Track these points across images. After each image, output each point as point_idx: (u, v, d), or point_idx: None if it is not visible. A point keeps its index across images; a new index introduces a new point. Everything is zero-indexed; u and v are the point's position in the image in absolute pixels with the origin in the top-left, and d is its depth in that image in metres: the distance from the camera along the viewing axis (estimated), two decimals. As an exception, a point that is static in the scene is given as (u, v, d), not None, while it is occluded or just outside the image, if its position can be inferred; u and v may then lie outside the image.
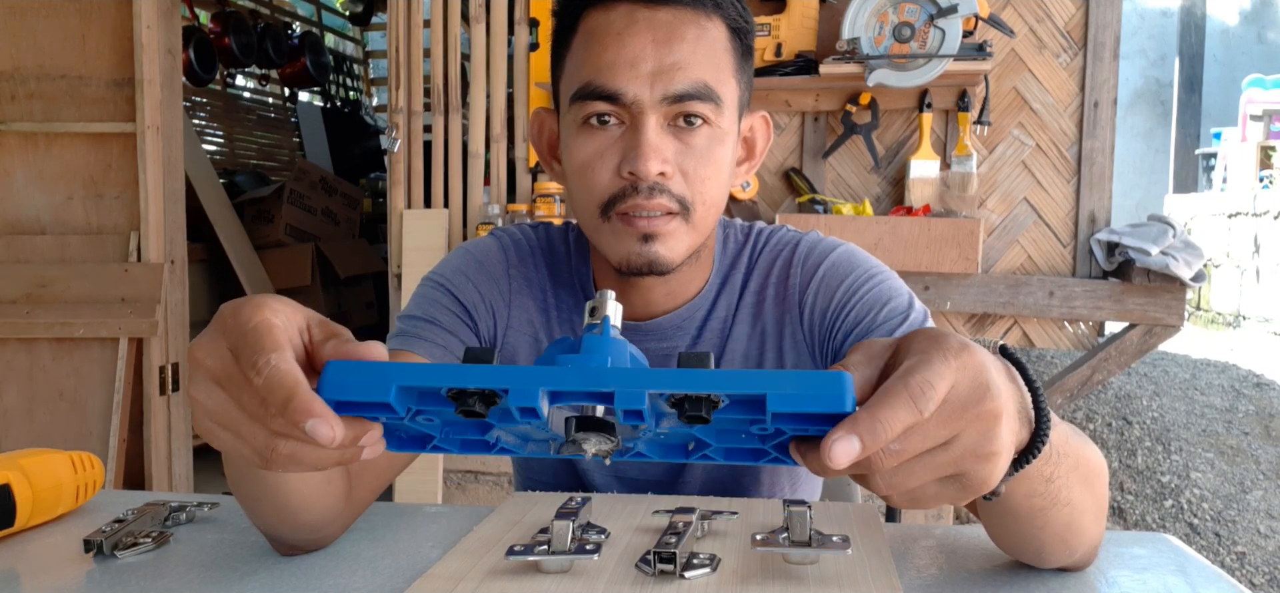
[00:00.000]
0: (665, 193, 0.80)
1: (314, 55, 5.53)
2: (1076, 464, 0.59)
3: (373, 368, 0.45)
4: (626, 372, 0.45)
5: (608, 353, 0.48)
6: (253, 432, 0.47)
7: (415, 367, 0.45)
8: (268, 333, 0.46)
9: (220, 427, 0.48)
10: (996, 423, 0.46)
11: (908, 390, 0.44)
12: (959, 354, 0.46)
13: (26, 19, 2.75)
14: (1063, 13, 2.38)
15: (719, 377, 0.44)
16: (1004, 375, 0.48)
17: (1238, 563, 2.85)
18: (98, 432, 2.64)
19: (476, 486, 2.53)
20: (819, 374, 0.44)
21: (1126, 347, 2.34)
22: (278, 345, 0.46)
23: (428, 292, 0.92)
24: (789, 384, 0.44)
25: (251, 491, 0.65)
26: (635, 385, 0.44)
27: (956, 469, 0.46)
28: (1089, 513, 0.62)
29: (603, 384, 0.44)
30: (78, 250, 2.74)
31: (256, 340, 0.46)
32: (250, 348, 0.46)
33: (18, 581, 0.66)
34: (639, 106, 0.79)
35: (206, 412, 0.48)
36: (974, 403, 0.45)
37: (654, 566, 0.61)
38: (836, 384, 0.44)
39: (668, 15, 0.79)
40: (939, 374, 0.44)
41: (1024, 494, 0.56)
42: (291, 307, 0.50)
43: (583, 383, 0.45)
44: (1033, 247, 2.44)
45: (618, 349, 0.48)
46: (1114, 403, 3.85)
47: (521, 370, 0.45)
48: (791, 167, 2.54)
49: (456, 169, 2.68)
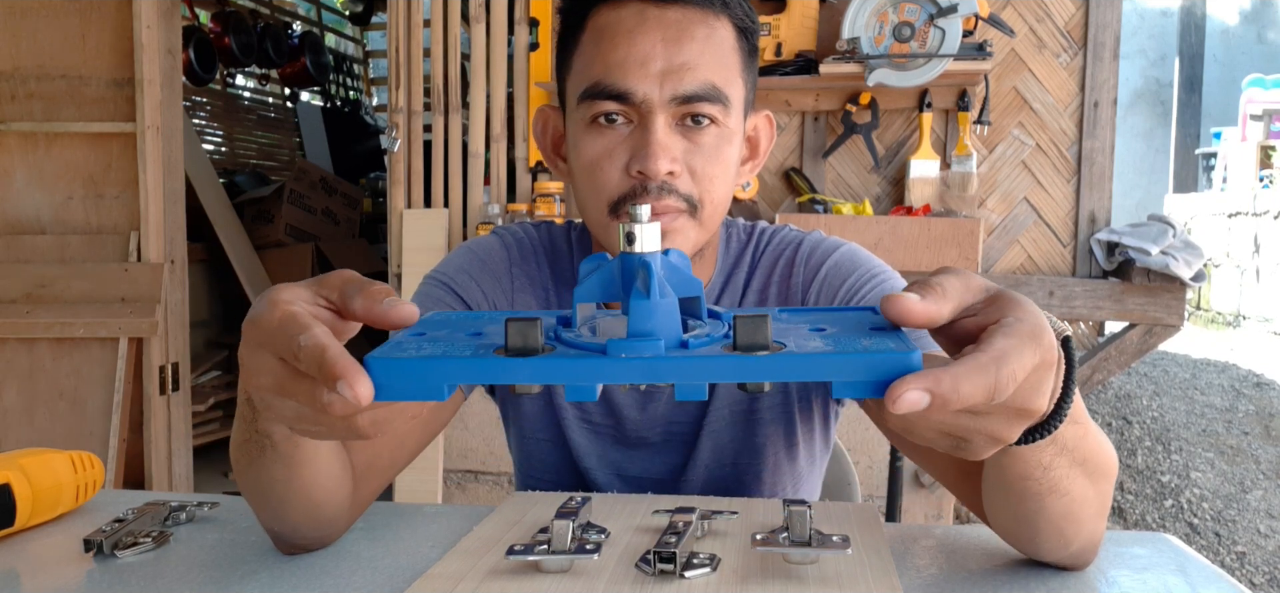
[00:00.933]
0: (673, 192, 0.80)
1: (314, 55, 5.53)
2: (1083, 459, 0.58)
3: (424, 365, 0.44)
4: (686, 362, 0.42)
5: (658, 325, 0.44)
6: (325, 418, 0.48)
7: (466, 363, 0.44)
8: (292, 320, 0.47)
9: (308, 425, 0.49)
10: (1026, 421, 0.46)
11: (995, 379, 0.43)
12: (1042, 346, 0.45)
13: (26, 19, 2.75)
14: (1063, 13, 2.38)
15: (781, 363, 0.42)
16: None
17: (1238, 563, 2.85)
18: (98, 432, 2.64)
19: (476, 485, 2.53)
20: (887, 357, 0.42)
21: (1126, 347, 2.34)
22: (303, 325, 0.46)
23: (431, 290, 0.92)
24: (855, 369, 0.42)
25: (274, 491, 0.65)
26: (696, 377, 0.42)
27: (967, 437, 0.47)
28: (1088, 508, 0.62)
29: (661, 377, 0.43)
30: (78, 250, 2.74)
31: (285, 333, 0.47)
32: (287, 341, 0.46)
33: (18, 580, 0.66)
34: (648, 106, 0.79)
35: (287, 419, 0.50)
36: (1025, 399, 0.45)
37: (654, 566, 0.61)
38: (904, 366, 0.42)
39: (677, 14, 0.79)
40: (1024, 368, 0.44)
41: (1018, 474, 0.56)
42: (296, 286, 0.50)
43: (641, 376, 0.43)
44: (1033, 246, 2.44)
45: (667, 314, 0.45)
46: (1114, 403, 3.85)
47: (575, 366, 0.43)
48: (791, 166, 2.54)
49: (456, 169, 2.68)
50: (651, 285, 0.45)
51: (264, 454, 0.62)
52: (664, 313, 0.45)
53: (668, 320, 0.45)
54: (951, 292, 0.47)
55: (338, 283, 0.50)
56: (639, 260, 0.46)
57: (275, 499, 0.66)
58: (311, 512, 0.67)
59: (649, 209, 0.48)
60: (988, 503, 0.65)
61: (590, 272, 0.49)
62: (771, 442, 0.92)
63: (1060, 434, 0.54)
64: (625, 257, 0.47)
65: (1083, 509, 0.61)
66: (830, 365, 0.42)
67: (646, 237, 0.47)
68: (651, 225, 0.47)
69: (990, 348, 0.44)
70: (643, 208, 0.47)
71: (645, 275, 0.45)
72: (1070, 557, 0.66)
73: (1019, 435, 0.48)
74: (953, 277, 0.48)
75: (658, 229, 0.47)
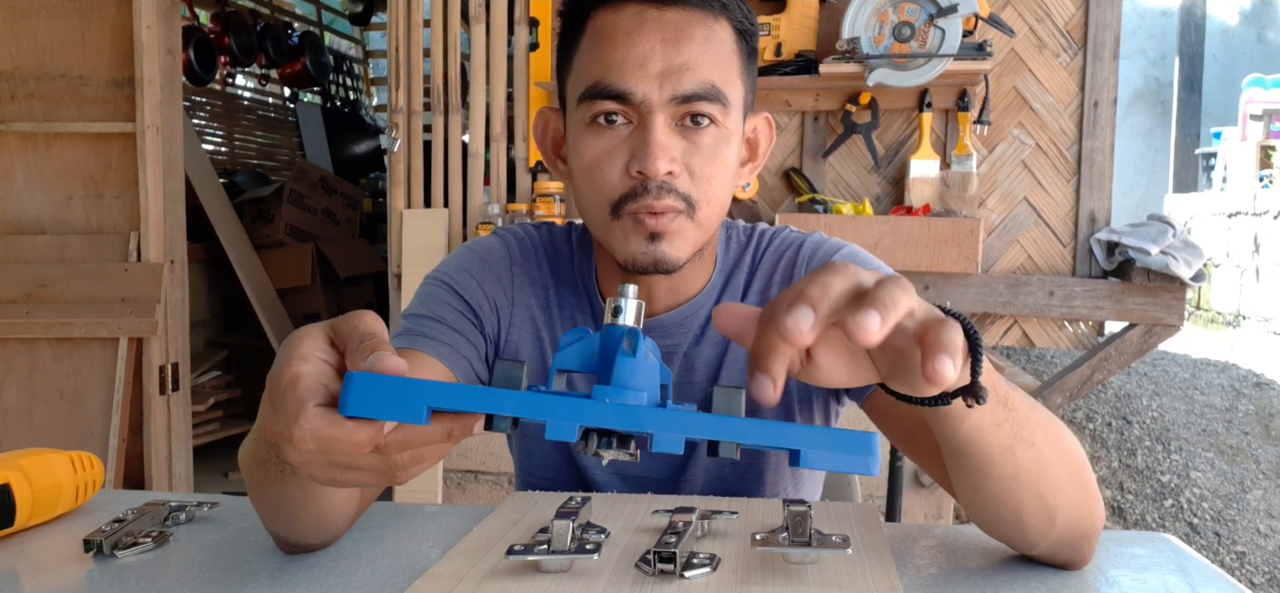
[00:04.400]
0: (673, 192, 0.80)
1: (314, 55, 5.52)
2: (1032, 406, 0.61)
3: (401, 385, 0.44)
4: (665, 415, 0.45)
5: (642, 382, 0.47)
6: (353, 472, 0.50)
7: (448, 388, 0.45)
8: (292, 394, 0.47)
9: (341, 472, 0.50)
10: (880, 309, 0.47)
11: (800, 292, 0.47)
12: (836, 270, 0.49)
13: (26, 19, 2.75)
14: (1063, 12, 2.38)
15: (754, 428, 0.46)
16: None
17: (1238, 563, 2.85)
18: (98, 432, 2.64)
19: (476, 485, 2.53)
20: (850, 435, 0.46)
21: (1126, 346, 2.34)
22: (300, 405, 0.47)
23: (432, 290, 0.92)
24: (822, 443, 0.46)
25: (289, 506, 0.65)
26: (673, 430, 0.45)
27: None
28: (1061, 469, 0.63)
29: (642, 426, 0.45)
30: (78, 250, 2.74)
31: (287, 409, 0.47)
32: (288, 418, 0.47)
33: (18, 581, 0.66)
34: (648, 106, 0.79)
35: (319, 474, 0.50)
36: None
37: (654, 566, 0.61)
38: (866, 446, 0.46)
39: (676, 15, 0.79)
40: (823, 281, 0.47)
41: (991, 422, 0.58)
42: (312, 337, 0.50)
43: (622, 423, 0.45)
44: (1033, 246, 2.44)
45: (648, 372, 0.48)
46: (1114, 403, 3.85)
47: (560, 403, 0.45)
48: (791, 166, 2.54)
49: (456, 169, 2.68)
50: (638, 347, 0.48)
51: (284, 478, 0.62)
52: (646, 372, 0.48)
53: (649, 379, 0.48)
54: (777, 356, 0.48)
55: (345, 332, 0.50)
56: (625, 330, 0.49)
57: (289, 515, 0.66)
58: (321, 524, 0.68)
59: (636, 289, 0.51)
60: (969, 487, 0.65)
61: (569, 343, 0.51)
62: (771, 442, 0.92)
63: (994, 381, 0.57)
64: (609, 328, 0.49)
65: (1054, 469, 0.62)
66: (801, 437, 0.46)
67: (631, 311, 0.50)
68: (636, 302, 0.50)
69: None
70: (630, 287, 0.50)
71: (632, 339, 0.48)
72: (1057, 535, 0.65)
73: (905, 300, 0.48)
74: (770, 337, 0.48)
75: (642, 307, 0.50)
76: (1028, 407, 0.61)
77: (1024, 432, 0.60)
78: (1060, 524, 0.64)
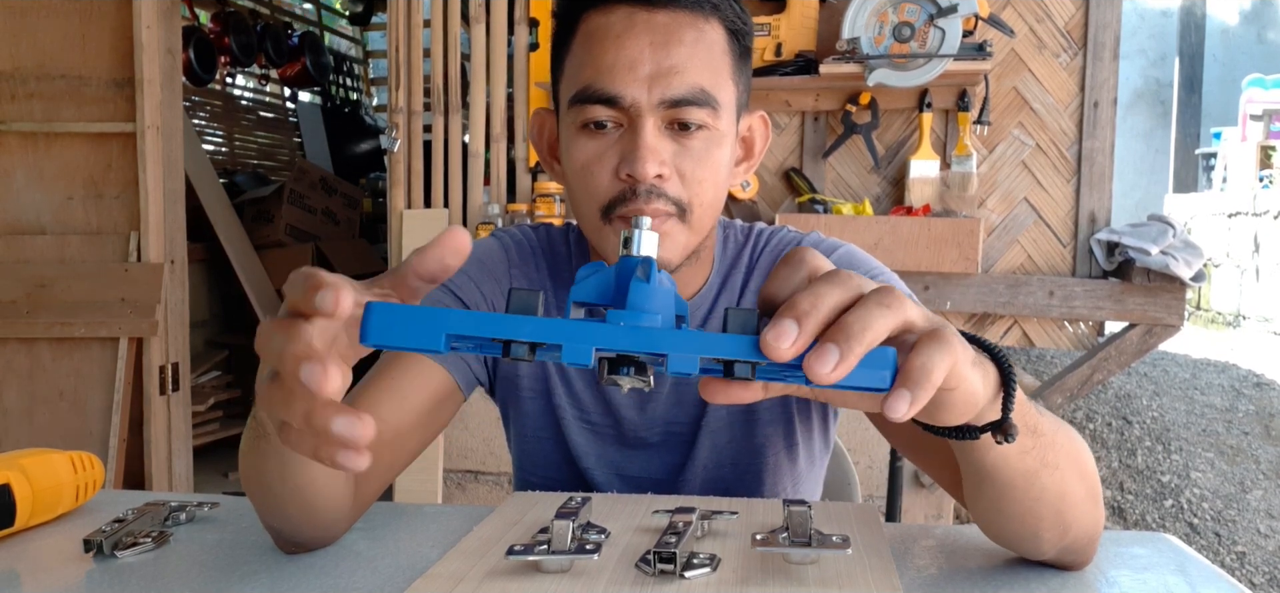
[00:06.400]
0: (662, 196, 0.80)
1: (314, 55, 5.52)
2: (1058, 427, 0.61)
3: (419, 313, 0.45)
4: (681, 335, 0.45)
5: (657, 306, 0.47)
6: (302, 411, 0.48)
7: (465, 316, 0.45)
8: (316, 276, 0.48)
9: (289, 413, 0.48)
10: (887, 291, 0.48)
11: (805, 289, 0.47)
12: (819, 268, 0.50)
13: (26, 19, 2.75)
14: (1063, 13, 2.38)
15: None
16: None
17: (1238, 563, 2.85)
18: (98, 432, 2.64)
19: (476, 485, 2.53)
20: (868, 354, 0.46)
21: (1126, 346, 2.34)
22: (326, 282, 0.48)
23: (431, 291, 0.92)
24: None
25: (271, 485, 0.65)
26: (689, 349, 0.45)
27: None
28: (1079, 487, 0.62)
29: (658, 346, 0.45)
30: (78, 250, 2.74)
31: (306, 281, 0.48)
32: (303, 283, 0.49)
33: (18, 581, 0.66)
34: (637, 109, 0.79)
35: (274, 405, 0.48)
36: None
37: (654, 566, 0.61)
38: (883, 361, 0.46)
39: (666, 18, 0.79)
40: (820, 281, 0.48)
41: (1017, 450, 0.57)
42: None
43: (637, 345, 0.45)
44: (1033, 246, 2.44)
45: (664, 298, 0.48)
46: (1114, 403, 3.85)
47: (576, 327, 0.45)
48: (791, 166, 2.54)
49: (456, 169, 2.68)
50: (652, 274, 0.48)
51: (259, 443, 0.62)
52: (662, 296, 0.47)
53: (665, 304, 0.47)
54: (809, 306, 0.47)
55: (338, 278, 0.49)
56: (638, 260, 0.49)
57: (272, 495, 0.66)
58: (308, 510, 0.67)
59: (650, 220, 0.50)
60: (987, 509, 0.65)
61: (587, 275, 0.51)
62: (771, 442, 0.92)
63: (1023, 401, 0.56)
64: (624, 259, 0.49)
65: (1074, 488, 0.62)
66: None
67: (646, 242, 0.49)
68: (651, 234, 0.49)
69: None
70: (644, 218, 0.50)
71: (646, 267, 0.48)
72: (1068, 545, 0.65)
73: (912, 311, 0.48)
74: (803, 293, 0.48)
75: (656, 238, 0.50)
76: (1054, 430, 0.60)
77: (1049, 456, 0.59)
78: (1073, 535, 0.64)
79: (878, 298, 0.46)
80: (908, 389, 0.45)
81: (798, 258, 0.50)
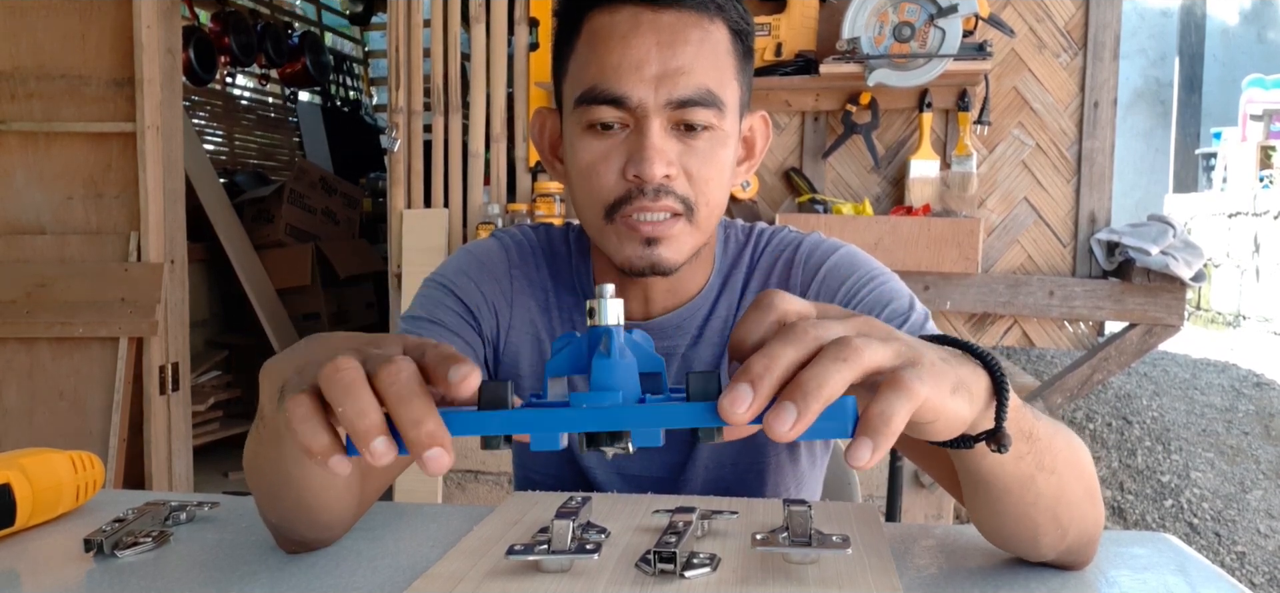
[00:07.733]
0: (670, 194, 0.80)
1: (314, 55, 5.52)
2: (1055, 431, 0.61)
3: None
4: (641, 412, 0.47)
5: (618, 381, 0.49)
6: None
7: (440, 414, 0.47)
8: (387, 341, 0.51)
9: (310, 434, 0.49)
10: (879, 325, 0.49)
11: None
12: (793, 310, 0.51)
13: (26, 19, 2.75)
14: (1063, 12, 2.38)
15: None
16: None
17: (1238, 563, 2.85)
18: (98, 431, 2.64)
19: (476, 485, 2.53)
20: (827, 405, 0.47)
21: (1126, 347, 2.34)
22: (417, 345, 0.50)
23: (431, 293, 0.92)
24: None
25: (273, 485, 0.65)
26: (650, 423, 0.47)
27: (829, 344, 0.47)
28: (1077, 490, 0.62)
29: (619, 424, 0.47)
30: (78, 250, 2.74)
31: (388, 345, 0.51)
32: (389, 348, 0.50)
33: (18, 581, 0.66)
34: (643, 110, 0.79)
35: (301, 424, 0.49)
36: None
37: (654, 565, 0.61)
38: (842, 412, 0.46)
39: (671, 18, 0.79)
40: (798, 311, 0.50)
41: (1013, 456, 0.57)
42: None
43: (600, 424, 0.47)
44: (1033, 246, 2.44)
45: (626, 372, 0.49)
46: (1114, 403, 3.85)
47: (540, 416, 0.47)
48: (791, 166, 2.54)
49: (456, 169, 2.68)
50: (613, 347, 0.49)
51: (265, 444, 0.62)
52: (623, 371, 0.49)
53: (627, 377, 0.49)
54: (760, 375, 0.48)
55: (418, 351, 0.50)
56: (602, 330, 0.51)
57: (277, 494, 0.66)
58: (312, 509, 0.67)
59: (613, 287, 0.51)
60: (984, 510, 0.65)
61: (560, 349, 0.53)
62: (771, 443, 0.92)
63: (1018, 404, 0.56)
64: (592, 330, 0.51)
65: (1071, 489, 0.62)
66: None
67: (610, 310, 0.51)
68: (615, 302, 0.51)
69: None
70: (608, 286, 0.51)
71: (608, 340, 0.50)
72: (1068, 547, 0.65)
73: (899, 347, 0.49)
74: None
75: (620, 305, 0.51)
76: (1051, 434, 0.60)
77: (1046, 461, 0.59)
78: (1071, 537, 0.64)
79: (835, 352, 0.46)
80: (868, 438, 0.45)
81: (766, 302, 0.50)
